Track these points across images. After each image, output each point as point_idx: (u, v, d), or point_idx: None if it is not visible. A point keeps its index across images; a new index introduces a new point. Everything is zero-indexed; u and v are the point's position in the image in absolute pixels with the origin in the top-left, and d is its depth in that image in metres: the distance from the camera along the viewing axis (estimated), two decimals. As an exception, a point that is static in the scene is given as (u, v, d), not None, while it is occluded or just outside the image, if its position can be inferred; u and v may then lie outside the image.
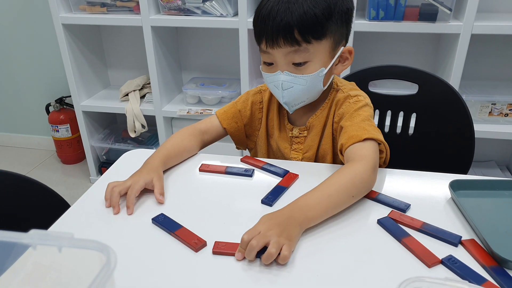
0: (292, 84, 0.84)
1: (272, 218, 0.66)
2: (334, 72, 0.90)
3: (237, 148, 1.08)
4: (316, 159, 0.96)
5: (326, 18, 0.80)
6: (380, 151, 0.84)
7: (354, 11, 0.89)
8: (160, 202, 0.77)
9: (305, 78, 0.84)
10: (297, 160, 0.96)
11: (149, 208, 0.76)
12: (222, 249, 0.65)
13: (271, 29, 0.80)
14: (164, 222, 0.72)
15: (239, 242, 0.64)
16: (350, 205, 0.73)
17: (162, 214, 0.73)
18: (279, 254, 0.61)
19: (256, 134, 1.03)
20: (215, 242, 0.67)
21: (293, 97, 0.86)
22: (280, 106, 0.97)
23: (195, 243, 0.66)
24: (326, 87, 0.89)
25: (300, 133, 0.96)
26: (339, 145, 0.85)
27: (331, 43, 0.84)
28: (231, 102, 1.03)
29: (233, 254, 0.64)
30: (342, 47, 0.87)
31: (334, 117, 0.92)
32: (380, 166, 0.85)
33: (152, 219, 0.72)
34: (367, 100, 0.91)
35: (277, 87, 0.86)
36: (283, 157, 0.98)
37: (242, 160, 0.92)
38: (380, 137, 0.83)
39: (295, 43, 0.80)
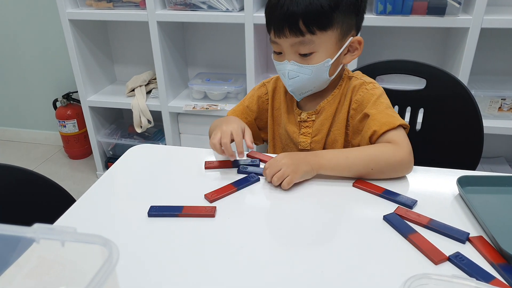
0: (298, 74, 0.86)
1: (289, 153, 0.81)
2: (342, 62, 0.90)
3: (255, 144, 1.09)
4: (326, 144, 0.96)
5: (332, 9, 0.81)
6: None
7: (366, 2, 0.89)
8: (250, 148, 0.87)
9: (311, 68, 0.85)
10: (306, 144, 0.97)
11: (152, 201, 0.76)
12: (212, 166, 0.81)
13: (278, 19, 0.83)
14: (161, 209, 0.73)
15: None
16: (371, 177, 0.79)
17: (153, 207, 0.73)
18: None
19: (267, 125, 1.05)
20: (205, 161, 0.87)
21: (299, 85, 0.88)
22: (287, 92, 0.97)
23: (208, 210, 0.71)
24: (333, 76, 0.89)
25: (308, 117, 0.96)
26: (369, 132, 0.85)
27: (337, 34, 0.84)
28: (239, 102, 1.06)
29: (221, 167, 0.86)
30: (351, 37, 0.87)
31: (351, 103, 0.92)
32: None
33: (148, 213, 0.72)
34: (382, 88, 0.93)
35: (284, 75, 0.88)
36: (292, 142, 0.99)
37: (248, 155, 0.92)
38: (405, 123, 0.86)
39: (299, 33, 0.82)
